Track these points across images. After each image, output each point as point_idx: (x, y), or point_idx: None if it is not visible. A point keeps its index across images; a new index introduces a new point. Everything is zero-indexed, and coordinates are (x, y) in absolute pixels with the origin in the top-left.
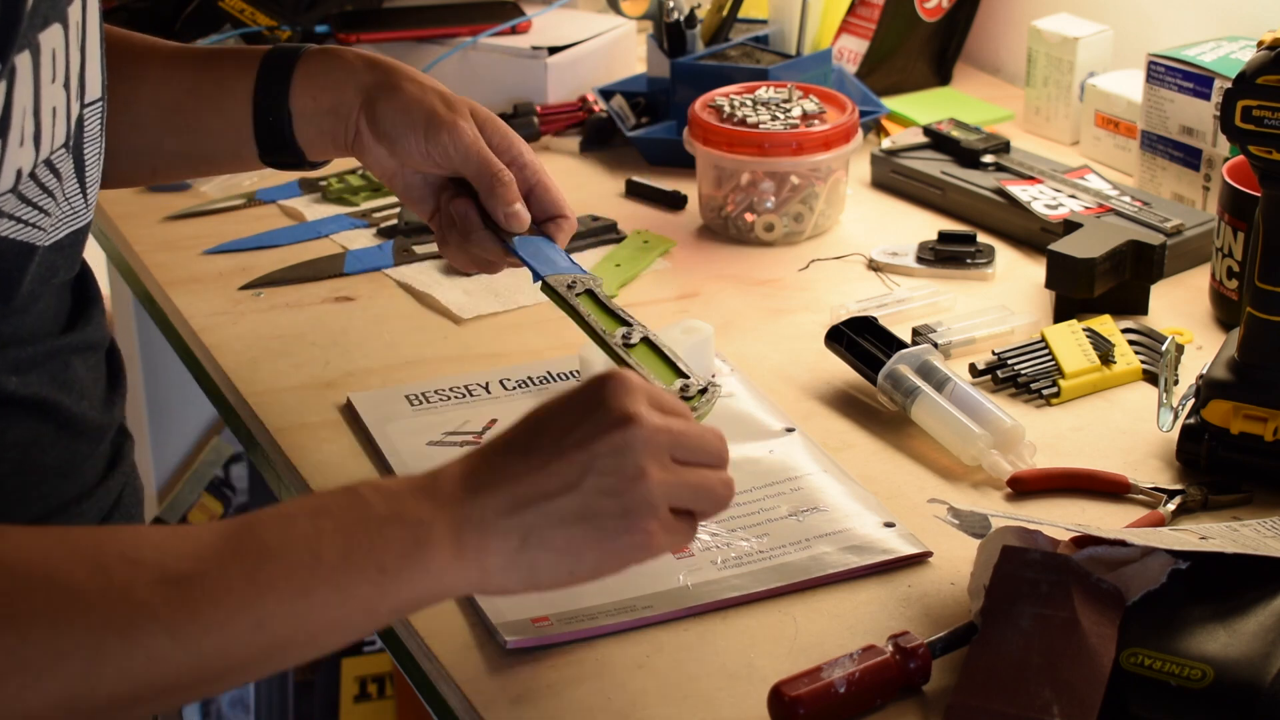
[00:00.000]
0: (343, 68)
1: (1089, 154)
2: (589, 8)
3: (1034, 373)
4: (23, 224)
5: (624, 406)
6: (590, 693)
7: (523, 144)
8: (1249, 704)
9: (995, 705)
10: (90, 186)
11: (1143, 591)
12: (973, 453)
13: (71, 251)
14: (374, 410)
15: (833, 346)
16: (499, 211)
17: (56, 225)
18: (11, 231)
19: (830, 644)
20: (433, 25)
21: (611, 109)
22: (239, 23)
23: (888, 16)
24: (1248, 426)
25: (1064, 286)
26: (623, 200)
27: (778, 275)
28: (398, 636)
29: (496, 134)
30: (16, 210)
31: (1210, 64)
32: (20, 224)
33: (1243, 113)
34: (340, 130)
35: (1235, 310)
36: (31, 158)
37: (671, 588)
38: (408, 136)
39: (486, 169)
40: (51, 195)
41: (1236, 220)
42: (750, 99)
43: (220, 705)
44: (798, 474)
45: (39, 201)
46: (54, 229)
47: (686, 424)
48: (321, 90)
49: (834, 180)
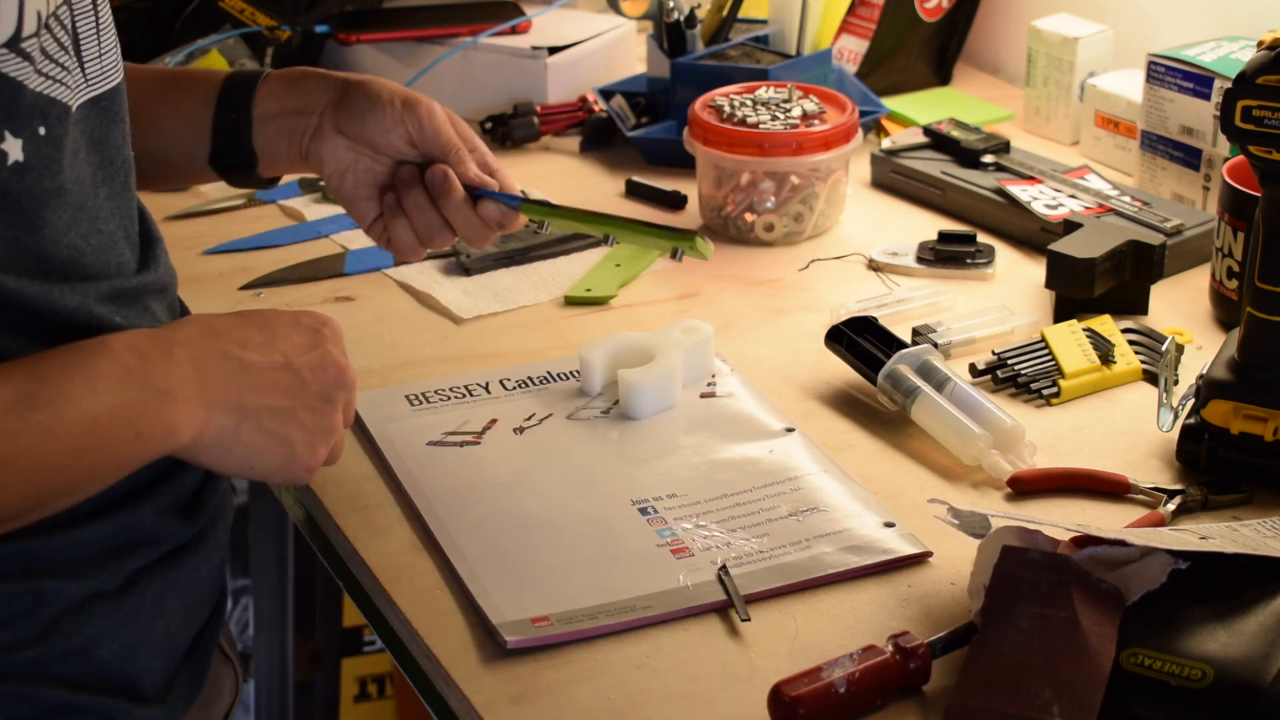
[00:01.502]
0: (315, 75)
1: (1089, 154)
2: (589, 8)
3: (1034, 373)
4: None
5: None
6: (590, 693)
7: (479, 141)
8: (1249, 704)
9: (995, 705)
10: (89, 60)
11: (1143, 591)
12: (973, 453)
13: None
14: (374, 410)
15: (833, 346)
16: (470, 172)
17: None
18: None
19: (830, 644)
20: (433, 25)
21: (611, 109)
22: (239, 23)
23: (888, 16)
24: (1248, 426)
25: (1064, 286)
26: (623, 200)
27: (778, 275)
28: (398, 636)
29: (460, 126)
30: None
31: (1210, 64)
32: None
33: (1243, 113)
34: (300, 128)
35: (1235, 310)
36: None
37: (671, 588)
38: (383, 115)
39: (452, 142)
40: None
41: (1236, 220)
42: (750, 99)
43: None
44: (798, 474)
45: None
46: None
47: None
48: (288, 93)
49: (834, 180)
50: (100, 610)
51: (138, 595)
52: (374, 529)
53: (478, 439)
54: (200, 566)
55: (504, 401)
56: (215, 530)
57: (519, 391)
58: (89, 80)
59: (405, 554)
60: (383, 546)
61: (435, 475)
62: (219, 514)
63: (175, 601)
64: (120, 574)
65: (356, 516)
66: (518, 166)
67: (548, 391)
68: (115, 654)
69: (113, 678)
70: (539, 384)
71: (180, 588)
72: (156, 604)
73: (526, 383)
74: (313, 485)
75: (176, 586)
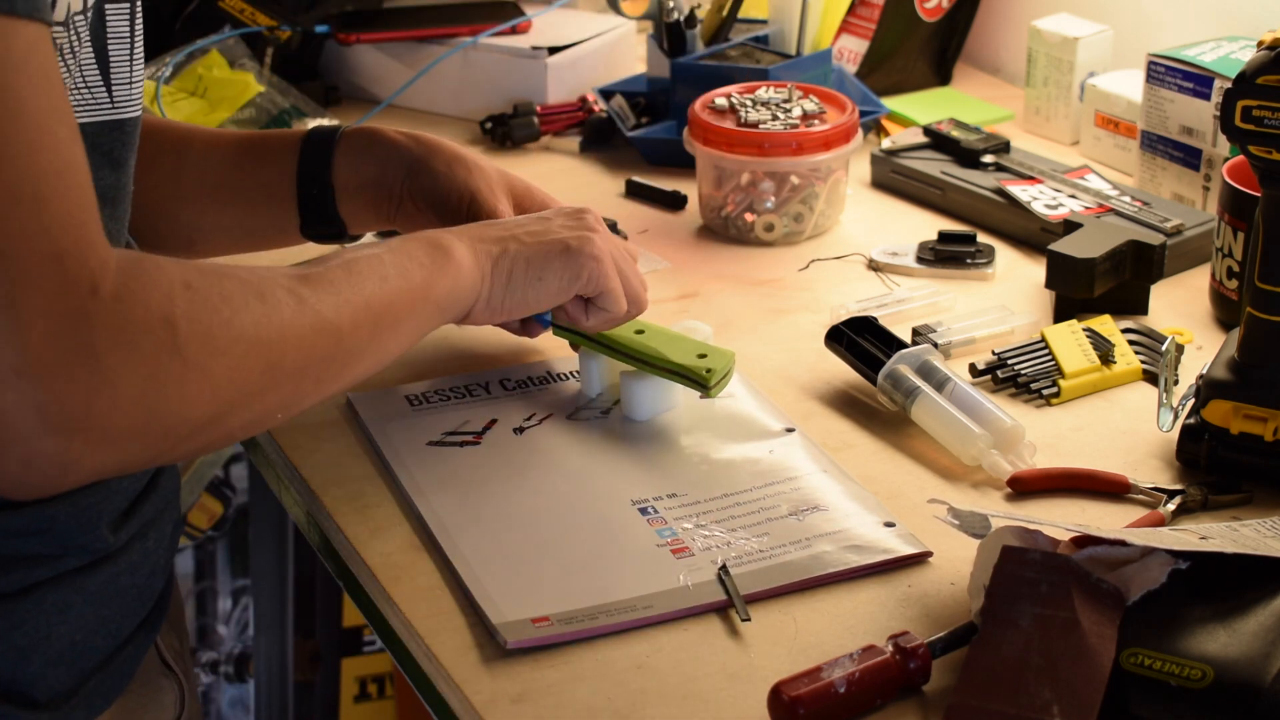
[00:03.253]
0: (385, 143)
1: (1089, 154)
2: (589, 8)
3: (1034, 373)
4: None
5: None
6: (590, 693)
7: (559, 205)
8: (1249, 704)
9: (995, 705)
10: (118, 85)
11: (1143, 591)
12: (973, 453)
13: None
14: (374, 410)
15: (833, 346)
16: None
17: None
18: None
19: (830, 644)
20: (433, 25)
21: (611, 109)
22: (239, 23)
23: (888, 16)
24: (1248, 426)
25: (1064, 286)
26: (623, 200)
27: (778, 275)
28: (398, 636)
29: (534, 201)
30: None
31: (1210, 64)
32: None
33: (1243, 113)
34: (384, 201)
35: (1235, 310)
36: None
37: (671, 588)
38: (451, 215)
39: None
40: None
41: (1236, 220)
42: (750, 99)
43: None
44: (798, 474)
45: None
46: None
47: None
48: (363, 164)
49: (834, 180)
50: None
51: (35, 600)
52: (374, 529)
53: (478, 439)
54: (120, 576)
55: (504, 401)
56: (145, 541)
57: (519, 391)
58: (115, 103)
59: (405, 554)
60: (383, 546)
61: (435, 475)
62: (152, 525)
63: (86, 610)
64: (19, 580)
65: (356, 516)
66: (518, 167)
67: (548, 392)
68: (4, 655)
69: (2, 679)
70: (539, 384)
71: (93, 597)
72: (59, 610)
73: (526, 383)
74: (313, 485)
75: (87, 595)
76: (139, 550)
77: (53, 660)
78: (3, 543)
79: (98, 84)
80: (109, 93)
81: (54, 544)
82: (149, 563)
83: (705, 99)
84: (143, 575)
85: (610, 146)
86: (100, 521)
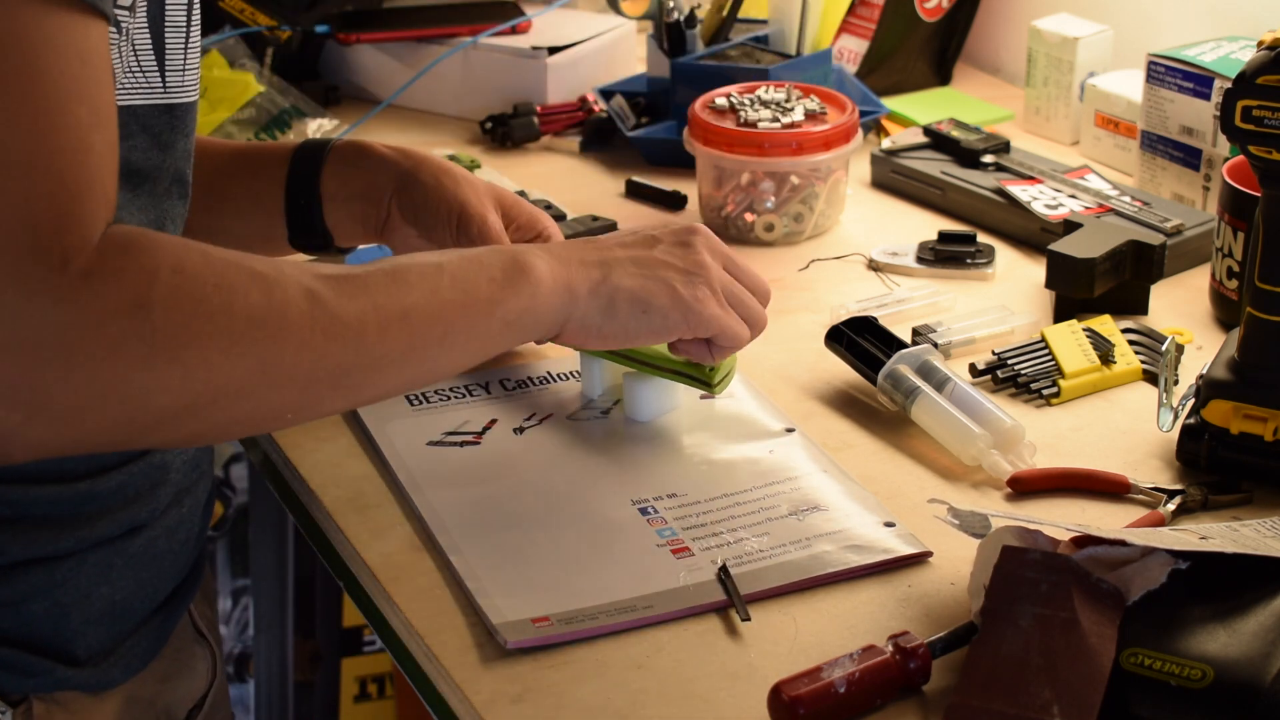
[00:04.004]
0: (373, 156)
1: (1089, 154)
2: (589, 8)
3: (1034, 373)
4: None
5: (691, 227)
6: (590, 693)
7: (548, 220)
8: (1249, 704)
9: (995, 705)
10: (171, 72)
11: (1143, 591)
12: (973, 453)
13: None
14: (373, 410)
15: (833, 346)
16: None
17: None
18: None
19: (830, 644)
20: (433, 25)
21: (611, 109)
22: (239, 23)
23: (888, 16)
24: (1248, 426)
25: (1064, 286)
26: (623, 200)
27: (778, 275)
28: (398, 636)
29: (523, 214)
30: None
31: (1210, 64)
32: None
33: (1243, 113)
34: (371, 213)
35: (1235, 310)
36: None
37: (671, 588)
38: (440, 227)
39: None
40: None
41: (1236, 220)
42: (750, 99)
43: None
44: (798, 474)
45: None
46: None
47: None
48: (352, 176)
49: (834, 180)
50: (35, 570)
51: (77, 560)
52: (374, 529)
53: (478, 439)
54: (158, 541)
55: (504, 401)
56: (180, 508)
57: (519, 391)
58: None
59: (405, 554)
60: (383, 546)
61: (435, 475)
62: (187, 493)
63: (125, 571)
64: (62, 544)
65: (356, 516)
66: (518, 167)
67: (548, 391)
68: (47, 612)
69: (43, 635)
70: (539, 384)
71: (132, 559)
72: (101, 571)
73: (526, 383)
74: (312, 485)
75: (127, 557)
76: (174, 516)
77: (92, 619)
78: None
79: (152, 68)
80: (162, 77)
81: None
82: (184, 529)
83: (705, 99)
84: (179, 541)
85: (610, 146)
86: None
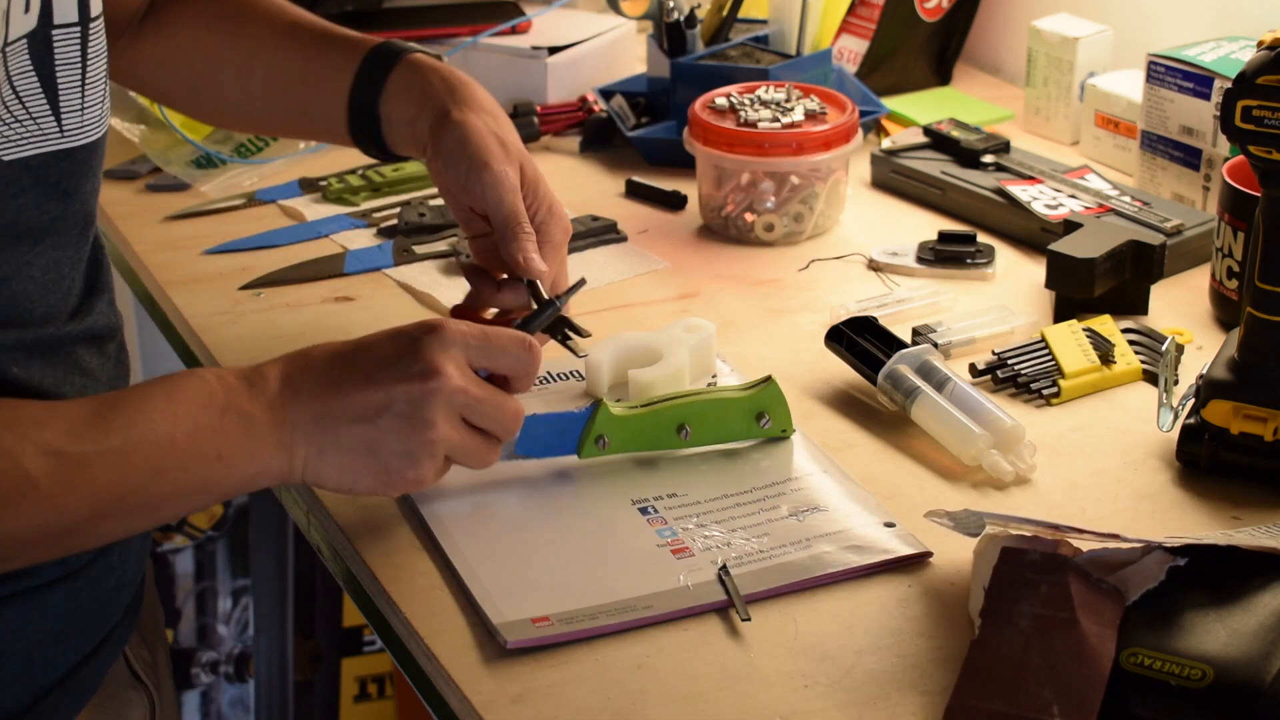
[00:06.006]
0: (425, 85)
1: (1089, 154)
2: (589, 8)
3: (1034, 373)
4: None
5: (434, 360)
6: (590, 693)
7: (561, 215)
8: (1249, 704)
9: (995, 705)
10: (68, 114)
11: (1142, 590)
12: (973, 453)
13: (43, 176)
14: None
15: (833, 346)
16: (515, 256)
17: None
18: None
19: (830, 644)
20: (433, 25)
21: (611, 109)
22: None
23: (888, 16)
24: (1248, 426)
25: (1064, 286)
26: (623, 200)
27: (778, 275)
28: (398, 636)
29: (536, 196)
30: None
31: (1210, 64)
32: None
33: (1243, 113)
34: (416, 139)
35: (1235, 310)
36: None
37: (671, 588)
38: (455, 168)
39: (511, 216)
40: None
41: (1236, 220)
42: (750, 99)
43: (220, 706)
44: (798, 474)
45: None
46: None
47: (487, 393)
48: (406, 102)
49: (834, 180)
50: None
51: None
52: (374, 529)
53: None
54: (82, 592)
55: None
56: (109, 555)
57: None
58: (65, 132)
59: (405, 554)
60: (383, 546)
61: None
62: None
63: (43, 625)
64: None
65: (356, 517)
66: None
67: (549, 391)
68: None
69: None
70: (539, 384)
71: (51, 612)
72: (15, 627)
73: None
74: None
75: (45, 610)
76: (101, 566)
77: (6, 677)
78: None
79: (44, 114)
80: (58, 122)
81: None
82: (113, 577)
83: (705, 99)
84: (106, 590)
85: (610, 146)
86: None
